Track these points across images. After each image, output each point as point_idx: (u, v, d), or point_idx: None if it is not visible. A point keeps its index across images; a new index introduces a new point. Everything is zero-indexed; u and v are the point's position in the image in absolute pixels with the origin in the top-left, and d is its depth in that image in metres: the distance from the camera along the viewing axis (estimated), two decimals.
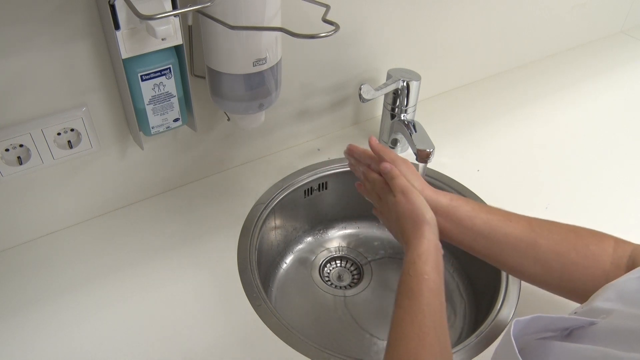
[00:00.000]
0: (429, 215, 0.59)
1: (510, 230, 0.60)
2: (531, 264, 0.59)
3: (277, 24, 0.64)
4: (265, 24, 0.62)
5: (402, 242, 0.61)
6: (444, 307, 0.54)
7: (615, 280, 0.48)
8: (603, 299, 0.47)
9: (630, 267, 0.54)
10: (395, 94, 0.87)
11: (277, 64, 0.68)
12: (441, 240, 0.62)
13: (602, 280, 0.54)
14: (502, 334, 0.65)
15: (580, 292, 0.57)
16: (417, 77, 0.86)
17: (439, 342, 0.50)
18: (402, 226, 0.61)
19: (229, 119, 0.78)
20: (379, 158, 0.67)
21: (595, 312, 0.46)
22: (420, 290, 0.53)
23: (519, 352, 0.42)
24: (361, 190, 0.72)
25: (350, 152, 0.72)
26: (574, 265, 0.56)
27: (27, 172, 0.67)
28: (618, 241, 0.58)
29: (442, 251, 0.59)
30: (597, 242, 0.57)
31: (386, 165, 0.64)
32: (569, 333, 0.47)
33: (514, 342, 0.43)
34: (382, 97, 0.90)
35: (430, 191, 0.63)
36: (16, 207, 0.71)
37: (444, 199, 0.63)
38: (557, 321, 0.47)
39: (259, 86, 0.68)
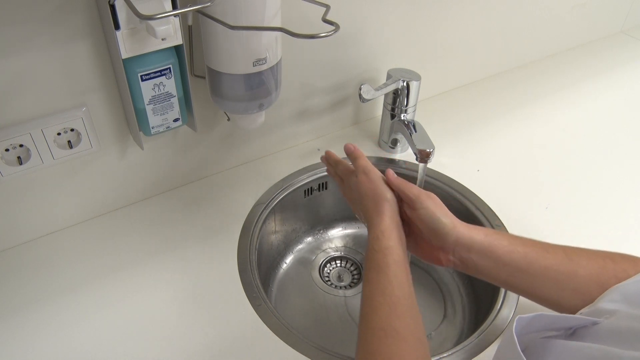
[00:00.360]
0: (389, 194, 0.62)
1: (549, 262, 0.57)
2: (570, 296, 0.56)
3: (277, 24, 0.64)
4: (265, 24, 0.62)
5: (364, 220, 0.63)
6: (410, 279, 0.56)
7: (622, 282, 0.48)
8: (608, 300, 0.47)
9: None
10: (395, 94, 0.87)
11: (277, 64, 0.68)
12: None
13: None
14: (505, 331, 0.65)
15: None
16: (417, 77, 0.86)
17: (410, 311, 0.52)
18: (365, 205, 0.63)
19: (229, 119, 0.78)
20: (400, 193, 0.63)
21: (599, 313, 0.46)
22: (387, 263, 0.55)
23: (522, 351, 0.42)
24: (329, 173, 0.75)
25: (327, 158, 0.74)
26: None
27: (27, 172, 0.67)
28: None
29: (402, 227, 0.61)
30: (633, 266, 0.55)
31: (349, 146, 0.69)
32: (573, 332, 0.46)
33: (516, 339, 0.43)
34: (382, 97, 0.90)
35: (464, 228, 0.59)
36: (16, 207, 0.71)
37: (478, 235, 0.59)
38: (559, 320, 0.47)
39: (259, 86, 0.68)
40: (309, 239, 0.94)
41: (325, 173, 0.89)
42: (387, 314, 0.51)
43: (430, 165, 0.84)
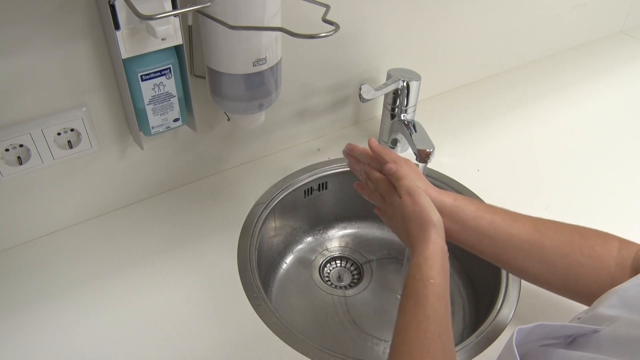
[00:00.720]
0: (436, 217, 0.58)
1: (515, 230, 0.59)
2: (536, 265, 0.58)
3: (277, 24, 0.64)
4: (265, 24, 0.62)
5: (408, 244, 0.60)
6: (449, 313, 0.53)
7: (620, 286, 0.48)
8: (607, 305, 0.46)
9: (635, 268, 0.54)
10: (395, 94, 0.87)
11: (277, 64, 0.68)
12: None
13: (607, 282, 0.54)
14: (505, 343, 0.65)
15: (585, 293, 0.56)
16: (417, 77, 0.86)
17: (443, 350, 0.49)
18: (408, 228, 0.59)
19: (229, 119, 0.78)
20: (380, 159, 0.66)
21: (599, 319, 0.45)
22: (426, 295, 0.52)
23: (520, 359, 0.42)
24: (361, 190, 0.71)
25: (350, 152, 0.71)
26: (580, 266, 0.56)
27: (27, 172, 0.67)
28: (623, 242, 0.57)
29: (447, 254, 0.58)
30: (602, 242, 0.57)
31: (391, 167, 0.63)
32: (572, 340, 0.46)
33: (516, 351, 0.43)
34: (382, 97, 0.90)
35: (434, 191, 0.63)
36: (16, 207, 0.71)
37: (448, 199, 0.62)
38: (560, 329, 0.46)
39: (258, 86, 0.68)
40: (309, 239, 0.94)
41: (325, 173, 0.89)
42: (419, 351, 0.49)
43: (430, 165, 0.84)
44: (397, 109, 0.89)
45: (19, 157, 0.65)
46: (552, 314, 0.67)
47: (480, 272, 0.81)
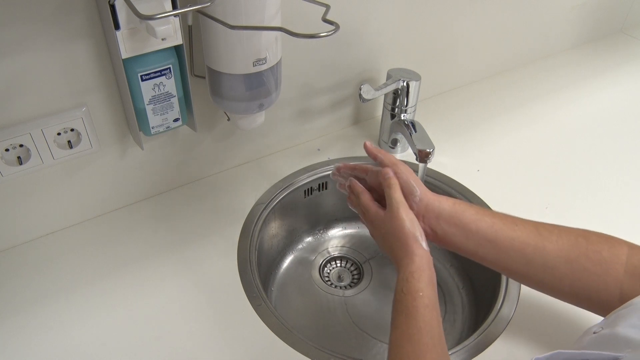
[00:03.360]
0: (419, 231, 0.58)
1: (517, 234, 0.57)
2: (539, 271, 0.56)
3: (277, 23, 0.64)
4: (265, 24, 0.62)
5: (392, 259, 0.59)
6: (440, 323, 0.53)
7: (639, 299, 0.46)
8: (627, 325, 0.44)
9: None
10: (395, 94, 0.87)
11: (277, 64, 0.68)
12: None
13: (615, 290, 0.52)
14: (505, 343, 0.65)
15: (593, 300, 0.54)
16: (417, 77, 0.86)
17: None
18: (391, 243, 0.59)
19: (228, 119, 0.78)
20: (377, 160, 0.66)
21: (618, 341, 0.43)
22: (416, 307, 0.52)
23: None
24: (349, 202, 0.70)
25: (339, 172, 0.71)
26: (586, 272, 0.54)
27: (27, 172, 0.67)
28: (633, 247, 0.55)
29: (432, 266, 0.57)
30: (609, 247, 0.54)
31: (388, 172, 0.62)
32: None
33: None
34: (382, 97, 0.90)
35: (432, 195, 0.61)
36: (16, 207, 0.71)
37: (446, 203, 0.61)
38: (578, 356, 0.44)
39: (259, 86, 0.68)
40: (309, 239, 0.94)
41: (326, 173, 0.89)
42: None
43: (430, 165, 0.84)
44: (397, 109, 0.89)
45: (19, 157, 0.65)
46: (552, 314, 0.67)
47: (480, 272, 0.81)
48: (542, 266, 0.56)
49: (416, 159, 0.77)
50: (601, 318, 0.50)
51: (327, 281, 0.89)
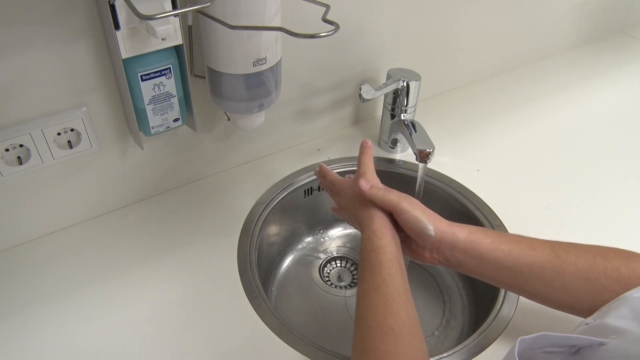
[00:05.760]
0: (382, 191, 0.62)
1: (535, 260, 0.57)
2: (559, 293, 0.56)
3: (277, 23, 0.64)
4: (265, 24, 0.62)
5: (357, 223, 0.64)
6: (404, 277, 0.55)
7: (630, 294, 0.47)
8: (617, 316, 0.45)
9: None
10: (395, 94, 0.87)
11: (277, 64, 0.68)
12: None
13: None
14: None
15: None
16: (417, 77, 0.86)
17: (405, 308, 0.52)
18: (355, 207, 0.64)
19: (229, 119, 0.78)
20: (382, 204, 0.62)
21: (607, 330, 0.44)
22: (380, 262, 0.55)
23: None
24: (322, 185, 0.75)
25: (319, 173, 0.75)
26: (606, 290, 0.53)
27: (27, 172, 0.66)
28: None
29: (394, 230, 0.60)
30: (626, 263, 0.54)
31: (367, 141, 0.69)
32: (577, 350, 0.45)
33: None
34: (382, 97, 0.90)
35: (446, 227, 0.59)
36: (16, 207, 0.71)
37: (461, 233, 0.59)
38: (564, 339, 0.45)
39: (259, 86, 0.68)
40: (309, 239, 0.94)
41: None
42: (382, 312, 0.52)
43: (430, 165, 0.84)
44: (397, 109, 0.89)
45: (19, 157, 0.65)
46: (552, 314, 0.67)
47: None
48: (561, 288, 0.56)
49: (416, 159, 0.77)
50: None
51: (327, 281, 0.89)
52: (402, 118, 0.88)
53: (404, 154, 0.95)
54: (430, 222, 0.59)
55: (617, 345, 0.41)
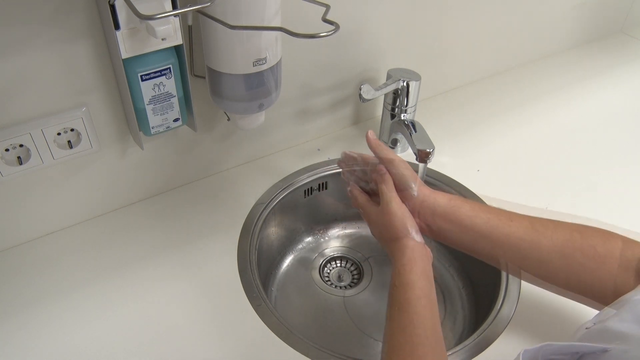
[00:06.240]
0: (410, 222, 0.59)
1: (512, 230, 0.58)
2: (535, 265, 0.57)
3: (277, 23, 0.64)
4: (265, 24, 0.62)
5: (388, 254, 0.61)
6: (435, 314, 0.53)
7: (631, 295, 0.46)
8: (618, 320, 0.45)
9: None
10: (395, 94, 0.87)
11: (277, 64, 0.68)
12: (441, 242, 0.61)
13: (609, 284, 0.53)
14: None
15: (587, 294, 0.55)
16: (417, 77, 0.86)
17: (433, 352, 0.50)
18: (386, 238, 0.61)
19: (229, 119, 0.78)
20: (375, 154, 0.66)
21: (609, 335, 0.44)
22: (408, 300, 0.53)
23: None
24: (353, 204, 0.72)
25: (345, 163, 0.73)
26: (580, 267, 0.55)
27: (27, 172, 0.66)
28: (627, 241, 0.55)
29: (431, 257, 0.59)
30: (603, 242, 0.55)
31: (382, 168, 0.65)
32: (580, 357, 0.45)
33: None
34: (382, 97, 0.90)
35: (428, 191, 0.63)
36: (16, 207, 0.71)
37: (442, 199, 0.62)
38: (567, 348, 0.45)
39: (259, 86, 0.68)
40: (309, 239, 0.94)
41: (325, 173, 0.89)
42: (409, 355, 0.49)
43: (430, 165, 0.84)
44: (397, 109, 0.89)
45: (19, 157, 0.65)
46: (552, 314, 0.67)
47: (480, 272, 0.81)
48: (537, 261, 0.57)
49: (416, 159, 0.77)
50: (597, 312, 0.51)
51: (327, 281, 0.89)
52: (402, 118, 0.88)
53: (404, 154, 0.95)
54: (416, 184, 0.62)
55: (620, 352, 0.41)
